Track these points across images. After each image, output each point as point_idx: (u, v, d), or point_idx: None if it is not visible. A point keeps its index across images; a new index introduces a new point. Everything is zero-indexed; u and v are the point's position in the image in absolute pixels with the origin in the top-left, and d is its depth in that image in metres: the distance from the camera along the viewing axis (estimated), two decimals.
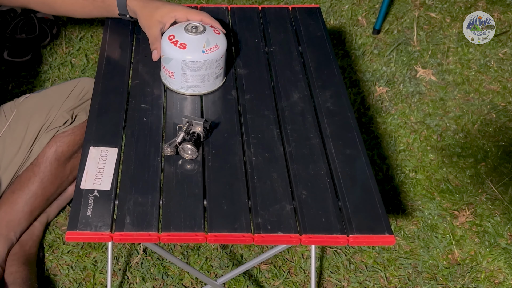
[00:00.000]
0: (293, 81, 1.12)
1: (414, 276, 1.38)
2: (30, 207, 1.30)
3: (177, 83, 1.07)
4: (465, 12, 2.21)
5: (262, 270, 1.37)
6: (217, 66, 1.05)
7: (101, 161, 0.93)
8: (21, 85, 1.77)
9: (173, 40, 1.03)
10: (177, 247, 1.40)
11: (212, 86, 1.08)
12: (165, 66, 1.06)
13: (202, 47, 1.02)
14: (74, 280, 1.32)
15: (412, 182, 1.59)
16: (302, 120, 1.04)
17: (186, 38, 1.03)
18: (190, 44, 1.03)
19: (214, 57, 1.03)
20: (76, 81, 1.35)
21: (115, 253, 1.38)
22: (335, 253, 1.41)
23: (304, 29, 1.26)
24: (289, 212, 0.87)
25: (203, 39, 1.03)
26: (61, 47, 1.92)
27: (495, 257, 1.42)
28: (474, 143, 1.71)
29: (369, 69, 1.95)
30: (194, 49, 1.02)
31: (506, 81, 1.94)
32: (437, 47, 2.06)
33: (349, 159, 0.96)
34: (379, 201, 0.89)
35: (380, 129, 1.74)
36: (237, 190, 0.90)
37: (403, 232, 1.47)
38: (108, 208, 0.86)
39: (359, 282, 1.36)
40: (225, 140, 1.00)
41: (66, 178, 1.32)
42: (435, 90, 1.89)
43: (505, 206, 1.54)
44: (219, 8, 1.31)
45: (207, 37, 1.04)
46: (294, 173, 0.93)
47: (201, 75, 1.05)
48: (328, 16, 2.17)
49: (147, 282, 1.32)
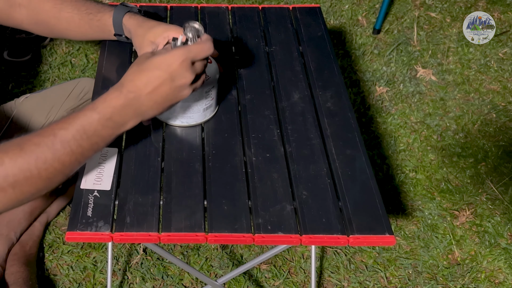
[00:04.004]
0: (294, 81, 1.12)
1: (414, 276, 1.38)
2: (30, 207, 1.30)
3: (165, 114, 1.00)
4: (465, 12, 2.21)
5: (262, 270, 1.37)
6: (207, 97, 0.98)
7: (101, 161, 0.93)
8: (21, 85, 1.77)
9: None
10: (177, 247, 1.40)
11: (202, 118, 1.01)
12: None
13: None
14: (74, 280, 1.32)
15: (412, 182, 1.59)
16: (303, 120, 1.04)
17: None
18: None
19: (204, 88, 0.96)
20: (76, 81, 1.35)
21: (115, 253, 1.38)
22: (335, 253, 1.41)
23: (304, 29, 1.26)
24: (289, 213, 0.87)
25: None
26: (61, 47, 1.92)
27: (495, 257, 1.42)
28: (474, 143, 1.71)
29: (369, 69, 1.95)
30: None
31: (506, 81, 1.94)
32: (437, 47, 2.06)
33: (349, 159, 0.96)
34: (380, 201, 0.89)
35: (380, 129, 1.74)
36: (237, 190, 0.90)
37: (403, 232, 1.47)
38: (108, 208, 0.86)
39: (359, 282, 1.36)
40: (225, 140, 0.99)
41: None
42: (435, 90, 1.89)
43: (505, 206, 1.54)
44: (219, 8, 1.31)
45: None
46: (294, 173, 0.93)
47: (189, 106, 0.98)
48: (328, 16, 2.17)
49: (147, 282, 1.32)
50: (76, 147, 0.79)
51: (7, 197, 0.77)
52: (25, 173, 0.76)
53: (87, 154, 0.81)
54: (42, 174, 0.77)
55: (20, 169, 0.76)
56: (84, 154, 0.81)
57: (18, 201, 0.79)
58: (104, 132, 0.81)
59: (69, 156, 0.79)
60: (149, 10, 1.25)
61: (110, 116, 0.80)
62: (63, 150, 0.78)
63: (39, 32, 1.14)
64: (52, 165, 0.78)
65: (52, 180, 0.79)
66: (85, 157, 0.81)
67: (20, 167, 0.76)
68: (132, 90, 0.81)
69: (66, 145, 0.78)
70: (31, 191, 0.79)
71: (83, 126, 0.79)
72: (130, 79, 0.82)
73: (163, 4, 1.29)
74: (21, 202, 0.80)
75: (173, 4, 1.28)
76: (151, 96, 0.82)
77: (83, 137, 0.79)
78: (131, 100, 0.81)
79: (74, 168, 0.82)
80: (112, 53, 1.15)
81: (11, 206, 0.80)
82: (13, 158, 0.76)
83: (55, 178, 0.79)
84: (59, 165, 0.78)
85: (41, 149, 0.77)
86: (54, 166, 0.78)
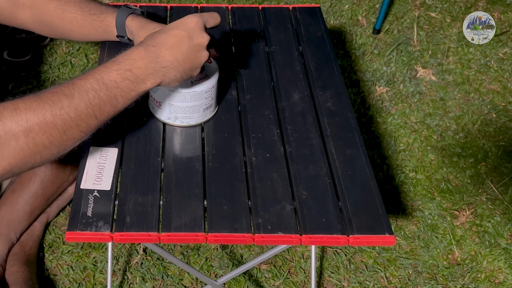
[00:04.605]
0: (294, 81, 1.12)
1: (414, 276, 1.38)
2: (31, 207, 1.30)
3: (165, 114, 1.00)
4: (465, 12, 2.21)
5: (262, 270, 1.37)
6: (207, 97, 0.99)
7: (101, 161, 0.93)
8: (21, 85, 1.77)
9: None
10: (177, 247, 1.40)
11: (201, 118, 1.01)
12: (153, 95, 1.00)
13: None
14: (74, 280, 1.32)
15: (412, 182, 1.59)
16: (303, 120, 1.04)
17: None
18: None
19: (204, 88, 0.97)
20: None
21: (115, 253, 1.38)
22: (335, 253, 1.41)
23: (304, 29, 1.26)
24: (289, 213, 0.87)
25: None
26: (61, 47, 1.92)
27: (495, 257, 1.42)
28: (474, 143, 1.71)
29: (369, 69, 1.95)
30: None
31: (506, 81, 1.94)
32: (437, 47, 2.06)
33: (349, 159, 0.96)
34: (380, 201, 0.89)
35: (380, 129, 1.74)
36: (237, 190, 0.90)
37: (403, 232, 1.47)
38: (108, 208, 0.86)
39: (359, 282, 1.36)
40: (225, 140, 0.99)
41: (66, 178, 1.32)
42: (435, 90, 1.89)
43: (505, 206, 1.54)
44: (219, 8, 1.31)
45: None
46: (294, 173, 0.93)
47: (189, 106, 0.98)
48: (328, 16, 2.17)
49: (147, 282, 1.32)
50: (94, 97, 0.78)
51: (20, 146, 0.74)
52: (39, 118, 0.74)
53: (104, 109, 0.79)
54: (57, 122, 0.75)
55: (34, 113, 0.74)
56: (101, 108, 0.79)
57: (31, 154, 0.76)
58: (123, 85, 0.80)
59: (86, 106, 0.77)
60: (149, 10, 1.25)
61: (130, 68, 0.80)
62: (80, 98, 0.77)
63: (42, 32, 1.14)
64: (68, 113, 0.76)
65: (67, 134, 0.77)
66: (102, 112, 0.79)
67: (34, 110, 0.74)
68: (153, 44, 0.83)
69: (84, 94, 0.77)
70: (44, 143, 0.76)
71: (102, 76, 0.79)
72: (150, 37, 0.84)
73: (163, 4, 1.29)
74: (33, 157, 0.76)
75: (173, 4, 1.28)
76: (171, 51, 0.83)
77: (101, 87, 0.78)
78: (151, 53, 0.82)
79: (90, 124, 0.79)
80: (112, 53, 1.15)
81: (23, 161, 0.76)
82: (28, 103, 0.74)
83: (70, 130, 0.77)
84: (75, 115, 0.77)
85: (58, 96, 0.76)
86: (70, 115, 0.76)
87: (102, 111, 0.79)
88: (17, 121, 0.73)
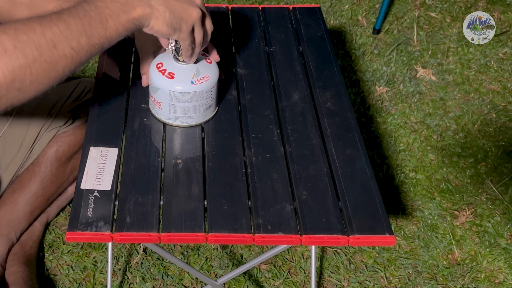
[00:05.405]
0: (294, 81, 1.12)
1: (414, 276, 1.38)
2: (31, 207, 1.30)
3: (165, 114, 1.00)
4: (465, 12, 2.22)
5: (262, 270, 1.37)
6: (207, 97, 0.99)
7: (102, 161, 0.93)
8: None
9: (161, 68, 0.97)
10: (177, 247, 1.40)
11: (201, 118, 1.01)
12: (153, 95, 1.00)
13: (191, 78, 0.96)
14: (74, 280, 1.32)
15: (412, 182, 1.59)
16: (303, 120, 1.04)
17: (175, 67, 0.96)
18: (178, 73, 0.96)
19: (204, 88, 0.97)
20: (77, 81, 1.35)
21: (115, 253, 1.38)
22: (335, 253, 1.41)
23: (304, 29, 1.26)
24: (289, 213, 0.87)
25: (192, 68, 0.97)
26: None
27: (495, 257, 1.42)
28: (474, 143, 1.71)
29: (369, 69, 1.95)
30: (182, 80, 0.96)
31: (506, 81, 1.94)
32: (437, 47, 2.06)
33: (349, 159, 0.96)
34: (380, 201, 0.89)
35: (380, 129, 1.74)
36: (237, 190, 0.90)
37: (403, 232, 1.47)
38: (109, 208, 0.86)
39: (359, 282, 1.36)
40: (225, 140, 0.99)
41: (66, 178, 1.33)
42: (435, 90, 1.89)
43: (505, 206, 1.54)
44: (219, 8, 1.31)
45: (197, 66, 0.97)
46: (294, 173, 0.93)
47: (189, 107, 0.98)
48: (328, 16, 2.17)
49: (147, 282, 1.33)
50: (84, 14, 0.77)
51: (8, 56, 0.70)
52: (27, 27, 0.72)
53: (95, 28, 0.78)
54: (46, 32, 0.73)
55: (22, 23, 0.72)
56: (92, 25, 0.77)
57: (20, 67, 0.72)
58: (113, 6, 0.79)
59: (76, 22, 0.76)
60: None
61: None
62: (69, 14, 0.76)
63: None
64: (57, 25, 0.74)
65: (57, 48, 0.74)
66: (93, 32, 0.78)
67: (22, 22, 0.73)
68: None
69: (73, 10, 0.77)
70: (33, 54, 0.72)
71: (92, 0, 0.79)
72: None
73: None
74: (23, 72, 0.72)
75: None
76: None
77: (91, 8, 0.78)
78: None
79: (82, 43, 0.77)
80: (112, 52, 1.15)
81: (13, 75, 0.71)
82: (19, 19, 0.74)
83: (60, 44, 0.74)
84: (65, 27, 0.75)
85: (48, 14, 0.75)
86: (60, 28, 0.74)
87: (92, 30, 0.78)
88: (4, 30, 0.71)
